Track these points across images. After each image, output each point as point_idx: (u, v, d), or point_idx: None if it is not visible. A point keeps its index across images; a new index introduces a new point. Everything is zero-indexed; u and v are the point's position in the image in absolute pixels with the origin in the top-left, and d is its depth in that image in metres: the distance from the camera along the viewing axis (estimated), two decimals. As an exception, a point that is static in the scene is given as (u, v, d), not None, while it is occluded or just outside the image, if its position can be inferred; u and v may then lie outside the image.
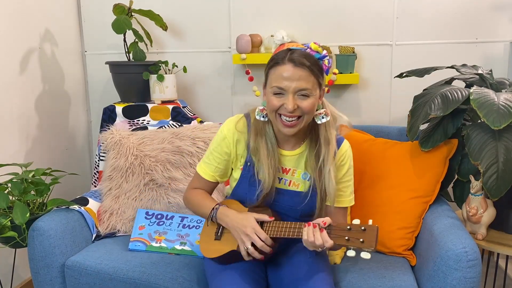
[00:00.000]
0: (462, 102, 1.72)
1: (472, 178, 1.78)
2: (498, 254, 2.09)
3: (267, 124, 1.43)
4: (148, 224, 1.89)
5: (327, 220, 1.26)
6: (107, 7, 2.55)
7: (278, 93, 1.34)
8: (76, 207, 1.89)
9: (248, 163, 1.45)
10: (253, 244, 1.35)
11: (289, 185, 1.45)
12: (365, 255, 1.22)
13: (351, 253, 1.24)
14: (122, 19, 2.24)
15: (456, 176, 1.92)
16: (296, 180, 1.45)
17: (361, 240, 1.22)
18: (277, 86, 1.33)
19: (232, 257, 1.47)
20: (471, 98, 1.66)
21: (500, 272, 2.34)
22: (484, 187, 1.63)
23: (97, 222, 1.97)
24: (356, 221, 1.25)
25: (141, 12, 2.35)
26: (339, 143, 1.45)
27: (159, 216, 1.91)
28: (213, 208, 1.47)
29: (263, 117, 1.41)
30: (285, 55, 1.33)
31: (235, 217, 1.39)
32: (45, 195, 1.88)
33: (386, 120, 2.48)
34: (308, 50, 1.36)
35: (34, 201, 1.88)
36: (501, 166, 1.62)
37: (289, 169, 1.45)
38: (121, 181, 2.05)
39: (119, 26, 2.23)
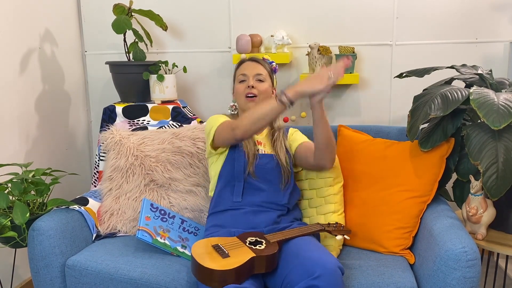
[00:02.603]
0: (462, 102, 1.72)
1: (472, 178, 1.78)
2: (498, 254, 2.09)
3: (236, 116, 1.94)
4: (153, 217, 1.88)
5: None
6: (107, 7, 2.56)
7: (242, 80, 1.87)
8: (76, 207, 1.89)
9: None
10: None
11: (264, 152, 1.84)
12: (347, 236, 1.74)
13: (339, 237, 1.69)
14: (122, 19, 2.24)
15: (453, 175, 1.92)
16: (268, 148, 1.87)
17: (342, 227, 1.76)
18: (242, 74, 1.88)
19: (249, 268, 1.44)
20: (471, 98, 1.66)
21: (500, 272, 2.35)
22: (484, 187, 1.63)
23: (97, 222, 1.97)
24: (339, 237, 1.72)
25: (141, 12, 2.35)
26: (287, 130, 1.97)
27: (162, 212, 1.91)
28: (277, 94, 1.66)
29: (232, 111, 1.97)
30: (246, 58, 1.95)
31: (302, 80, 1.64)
32: (45, 195, 1.88)
33: (386, 120, 2.48)
34: (262, 58, 1.99)
35: (34, 201, 1.88)
36: (501, 166, 1.62)
37: (261, 142, 1.88)
38: (122, 182, 2.05)
39: (119, 26, 2.23)
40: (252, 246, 1.51)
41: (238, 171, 1.76)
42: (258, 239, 1.56)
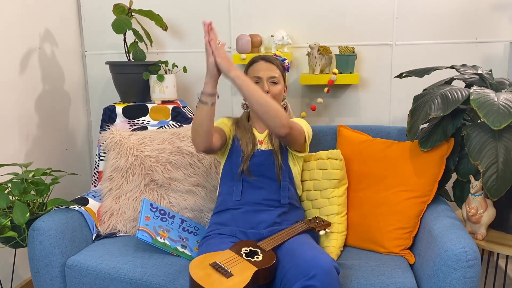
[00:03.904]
0: (462, 102, 1.72)
1: (472, 178, 1.78)
2: (498, 254, 2.09)
3: (243, 115, 1.96)
4: (153, 217, 1.88)
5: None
6: (107, 7, 2.56)
7: (256, 82, 1.81)
8: (76, 207, 1.89)
9: (235, 139, 1.87)
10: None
11: (264, 149, 1.85)
12: (328, 230, 1.77)
13: (322, 232, 1.74)
14: (122, 19, 2.24)
15: (453, 175, 1.92)
16: (267, 144, 1.86)
17: (322, 221, 1.79)
18: (256, 76, 1.82)
19: (253, 283, 1.41)
20: (471, 98, 1.66)
21: (500, 272, 2.35)
22: (484, 187, 1.64)
23: (97, 222, 1.97)
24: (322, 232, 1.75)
25: (141, 12, 2.35)
26: None
27: (162, 212, 1.92)
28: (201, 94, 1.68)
29: (245, 109, 1.96)
30: (259, 57, 1.87)
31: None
32: (45, 195, 1.88)
33: (386, 120, 2.48)
34: (274, 55, 1.97)
35: (34, 201, 1.88)
36: (501, 166, 1.62)
37: (262, 140, 1.87)
38: (122, 182, 2.05)
39: (119, 26, 2.23)
40: (250, 259, 1.48)
41: (235, 171, 1.79)
42: (252, 249, 1.54)
